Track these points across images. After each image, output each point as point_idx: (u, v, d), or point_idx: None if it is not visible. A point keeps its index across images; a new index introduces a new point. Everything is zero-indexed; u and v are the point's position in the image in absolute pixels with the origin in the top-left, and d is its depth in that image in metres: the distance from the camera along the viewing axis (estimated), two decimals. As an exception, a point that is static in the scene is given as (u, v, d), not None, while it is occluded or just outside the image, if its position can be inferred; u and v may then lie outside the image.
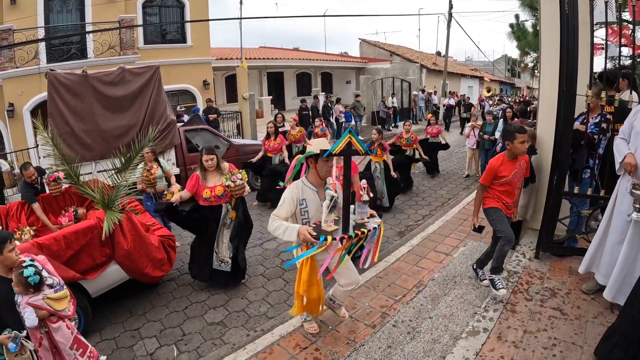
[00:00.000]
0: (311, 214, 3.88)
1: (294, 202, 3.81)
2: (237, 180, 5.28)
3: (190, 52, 17.87)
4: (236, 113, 18.09)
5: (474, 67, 46.30)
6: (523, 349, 3.69)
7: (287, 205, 3.78)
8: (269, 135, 9.30)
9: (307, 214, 3.87)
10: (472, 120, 12.13)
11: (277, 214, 3.76)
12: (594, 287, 4.44)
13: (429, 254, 5.96)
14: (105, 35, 14.38)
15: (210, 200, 5.39)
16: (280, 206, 3.79)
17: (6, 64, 13.44)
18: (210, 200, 5.39)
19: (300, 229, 3.48)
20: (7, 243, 3.33)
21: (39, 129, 5.69)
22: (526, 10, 16.42)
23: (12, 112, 13.55)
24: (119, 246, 4.86)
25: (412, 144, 10.17)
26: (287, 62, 26.60)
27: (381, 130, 9.08)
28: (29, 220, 5.97)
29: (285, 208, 3.78)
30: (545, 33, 5.72)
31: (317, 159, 3.79)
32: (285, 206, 3.78)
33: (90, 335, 4.62)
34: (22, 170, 6.15)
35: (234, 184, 5.27)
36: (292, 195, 3.80)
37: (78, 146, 7.70)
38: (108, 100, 8.19)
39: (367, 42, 34.16)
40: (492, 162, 4.57)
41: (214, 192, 5.37)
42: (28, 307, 3.19)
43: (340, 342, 4.07)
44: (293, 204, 3.80)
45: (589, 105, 4.95)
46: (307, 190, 3.87)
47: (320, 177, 3.88)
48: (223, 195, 5.41)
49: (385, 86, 24.73)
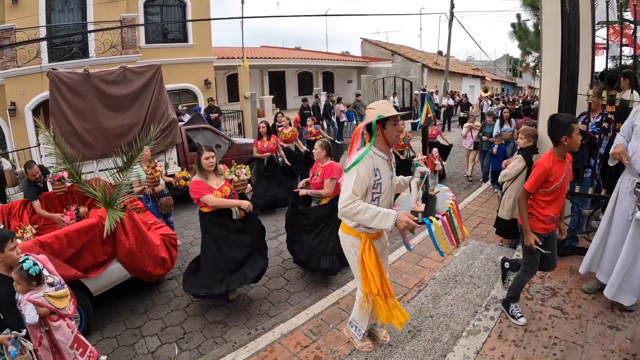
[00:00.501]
0: (384, 187, 3.35)
1: (370, 174, 3.22)
2: (241, 174, 5.00)
3: (191, 51, 17.87)
4: (238, 112, 18.12)
5: (476, 67, 46.30)
6: (524, 347, 3.69)
7: (363, 179, 3.17)
8: (260, 136, 8.83)
9: (380, 187, 3.32)
10: (469, 120, 11.71)
11: (355, 191, 3.14)
12: (595, 286, 4.44)
13: (430, 253, 5.96)
14: (106, 35, 14.40)
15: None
16: (356, 181, 3.15)
17: (8, 63, 13.46)
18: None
19: (399, 214, 2.99)
20: (8, 242, 3.35)
21: (41, 128, 5.70)
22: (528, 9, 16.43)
23: (14, 111, 13.57)
24: (121, 244, 4.88)
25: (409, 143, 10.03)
26: (288, 61, 26.57)
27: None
28: (32, 219, 5.99)
29: (362, 182, 3.17)
30: (546, 33, 5.71)
31: (384, 124, 3.30)
32: (361, 180, 3.17)
33: (92, 333, 4.64)
34: (27, 168, 6.18)
35: (238, 178, 4.97)
36: (367, 165, 3.20)
37: (80, 145, 7.71)
38: (110, 99, 8.20)
39: (369, 41, 34.19)
40: (543, 163, 3.74)
41: (223, 193, 4.90)
42: (29, 304, 3.19)
43: (341, 341, 4.07)
44: (369, 175, 3.21)
45: (590, 105, 4.95)
46: (379, 159, 3.32)
47: (389, 143, 3.40)
48: (231, 195, 4.99)
49: (386, 86, 24.72)
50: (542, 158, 3.80)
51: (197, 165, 4.96)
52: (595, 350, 3.56)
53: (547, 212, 3.80)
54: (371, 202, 3.29)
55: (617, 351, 3.52)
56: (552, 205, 3.80)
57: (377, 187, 3.29)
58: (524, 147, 5.64)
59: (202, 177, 4.89)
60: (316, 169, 5.75)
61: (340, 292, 5.09)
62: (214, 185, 4.90)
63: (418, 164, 3.51)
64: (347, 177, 3.23)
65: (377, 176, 3.26)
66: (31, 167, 6.15)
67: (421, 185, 3.40)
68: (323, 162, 5.69)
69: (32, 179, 6.13)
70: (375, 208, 3.06)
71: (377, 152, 3.33)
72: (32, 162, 6.39)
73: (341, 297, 4.95)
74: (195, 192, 4.77)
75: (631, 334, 3.74)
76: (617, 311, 4.09)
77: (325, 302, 4.86)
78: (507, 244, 6.12)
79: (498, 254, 5.65)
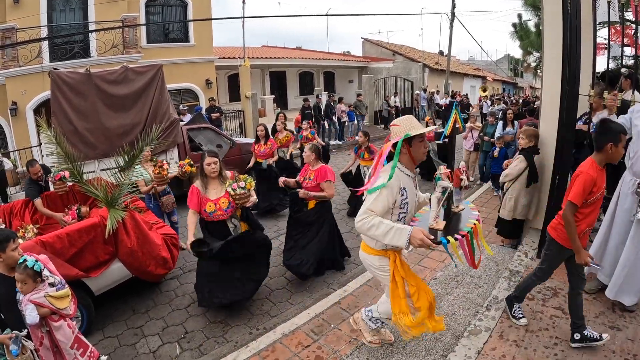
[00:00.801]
0: (410, 206, 3.25)
1: (394, 192, 3.07)
2: (237, 188, 4.78)
3: (193, 51, 17.88)
4: (239, 112, 18.12)
5: (477, 67, 46.28)
6: (525, 347, 3.70)
7: (386, 197, 3.02)
8: (258, 140, 8.79)
9: (407, 207, 3.20)
10: (470, 120, 11.16)
11: (372, 208, 3.00)
12: (596, 286, 4.44)
13: (431, 253, 5.96)
14: (108, 34, 14.41)
15: (217, 214, 4.79)
16: (377, 198, 3.02)
17: (9, 62, 13.48)
18: (217, 214, 4.79)
19: (413, 231, 2.80)
20: (10, 242, 3.35)
21: (43, 128, 5.71)
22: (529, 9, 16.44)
23: (15, 111, 13.58)
24: (122, 244, 4.89)
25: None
26: (289, 61, 26.57)
27: (367, 132, 8.46)
28: (33, 218, 5.99)
29: (384, 201, 3.02)
30: (548, 33, 5.72)
31: (410, 142, 3.16)
32: (384, 198, 3.02)
33: (93, 333, 4.65)
34: (29, 166, 6.19)
35: (234, 192, 4.78)
36: (394, 183, 3.05)
37: (81, 145, 7.72)
38: (111, 99, 8.20)
39: (370, 41, 34.17)
40: (589, 172, 3.42)
41: (218, 205, 4.75)
42: (30, 304, 3.20)
43: (342, 341, 4.08)
44: (393, 195, 3.06)
45: (592, 105, 4.95)
46: (405, 177, 3.20)
47: (415, 161, 3.25)
48: (229, 208, 4.83)
49: (387, 86, 24.70)
50: (585, 166, 3.48)
51: (200, 170, 4.88)
52: (596, 350, 3.56)
53: (583, 226, 3.53)
54: (397, 222, 3.10)
55: (618, 351, 3.52)
56: (589, 217, 3.54)
57: (404, 206, 3.18)
58: (525, 147, 5.65)
59: (202, 183, 4.83)
60: (307, 172, 5.77)
61: (342, 292, 5.09)
62: (212, 194, 4.81)
63: (440, 178, 3.40)
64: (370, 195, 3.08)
65: (403, 195, 3.14)
66: (33, 166, 6.17)
67: (442, 201, 3.25)
68: (314, 166, 5.74)
69: (34, 178, 6.14)
70: (389, 223, 2.88)
71: (403, 170, 3.20)
72: (34, 160, 6.41)
73: (342, 297, 4.96)
74: (188, 198, 4.80)
75: (632, 335, 3.74)
76: (618, 311, 4.09)
77: (326, 302, 4.87)
78: (508, 244, 6.12)
79: (499, 254, 5.65)
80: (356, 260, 6.18)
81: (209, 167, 4.78)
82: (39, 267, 3.27)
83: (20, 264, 3.23)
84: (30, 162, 6.26)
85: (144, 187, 6.24)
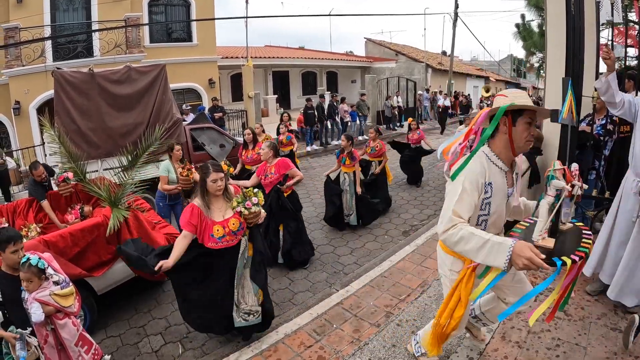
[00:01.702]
0: (493, 208, 2.57)
1: (478, 189, 2.46)
2: (252, 206, 3.99)
3: (196, 50, 17.90)
4: (241, 112, 18.18)
5: (480, 67, 46.21)
6: (527, 349, 3.69)
7: (470, 194, 2.42)
8: (246, 145, 8.11)
9: (489, 208, 2.55)
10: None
11: (458, 212, 2.38)
12: (598, 288, 4.43)
13: (433, 253, 5.95)
14: (111, 34, 14.45)
15: (226, 240, 3.96)
16: (460, 197, 2.40)
17: (12, 62, 13.52)
18: (226, 240, 3.96)
19: (517, 246, 2.13)
20: (10, 244, 3.35)
21: (46, 127, 5.72)
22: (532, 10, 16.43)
23: (19, 110, 13.63)
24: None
25: (378, 154, 8.75)
26: (292, 61, 26.58)
27: (351, 137, 7.74)
28: (37, 218, 6.00)
29: (469, 200, 2.41)
30: (551, 33, 5.71)
31: (515, 119, 2.47)
32: (468, 196, 2.41)
33: (96, 332, 4.66)
34: (32, 169, 6.14)
35: (249, 211, 3.98)
36: (477, 178, 2.45)
37: (84, 144, 7.72)
38: (114, 99, 8.21)
39: (373, 41, 34.15)
40: None
41: (228, 228, 3.93)
42: (35, 302, 3.22)
43: (345, 341, 4.08)
44: (477, 191, 2.45)
45: (595, 107, 4.94)
46: (495, 169, 2.54)
47: (514, 149, 2.53)
48: (239, 230, 4.02)
49: (390, 86, 24.69)
50: None
51: (201, 187, 4.01)
52: (598, 352, 3.55)
53: None
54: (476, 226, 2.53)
55: (620, 353, 3.52)
56: None
57: (485, 207, 2.55)
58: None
59: (203, 203, 3.97)
60: (265, 169, 5.98)
61: (344, 292, 5.10)
62: (217, 216, 3.97)
63: (554, 177, 2.65)
64: (451, 189, 2.51)
65: (486, 193, 2.50)
66: (37, 168, 6.12)
67: (555, 208, 2.54)
68: (271, 162, 5.94)
69: (38, 180, 6.13)
70: (482, 235, 2.25)
71: (493, 158, 2.56)
72: (37, 162, 6.34)
73: (345, 297, 4.96)
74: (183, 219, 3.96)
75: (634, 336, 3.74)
76: (620, 313, 4.09)
77: (329, 302, 4.87)
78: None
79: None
80: (358, 261, 6.19)
81: (214, 184, 3.92)
82: (43, 264, 3.29)
83: (23, 263, 3.24)
84: (33, 165, 6.21)
85: (167, 186, 6.25)
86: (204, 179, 3.94)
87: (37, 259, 3.27)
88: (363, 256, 6.44)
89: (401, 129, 21.60)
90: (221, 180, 3.94)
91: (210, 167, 3.95)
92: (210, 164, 4.01)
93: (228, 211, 4.01)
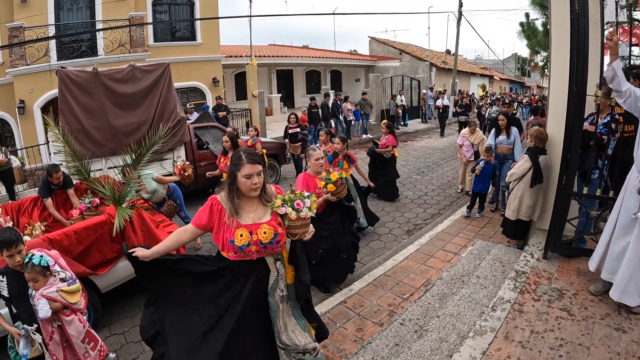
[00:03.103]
0: None
1: None
2: (303, 207, 2.95)
3: (200, 49, 17.93)
4: (245, 110, 18.18)
5: (484, 66, 46.16)
6: (530, 349, 3.69)
7: None
8: (225, 152, 7.29)
9: None
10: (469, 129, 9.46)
11: None
12: (602, 288, 4.42)
13: (437, 253, 5.96)
14: (115, 33, 14.48)
15: (250, 250, 2.82)
16: None
17: (17, 61, 13.57)
18: (250, 250, 2.82)
19: None
20: (2, 250, 3.33)
21: (50, 126, 5.74)
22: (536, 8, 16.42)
23: (23, 109, 13.68)
24: (129, 242, 4.92)
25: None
26: (296, 59, 26.57)
27: (345, 138, 7.04)
28: (42, 216, 6.02)
29: None
30: (555, 32, 5.70)
31: None
32: None
33: (100, 330, 4.68)
34: (52, 171, 6.00)
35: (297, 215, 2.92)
36: None
37: (89, 143, 7.76)
38: (118, 98, 8.24)
39: (377, 40, 34.14)
40: None
41: (256, 236, 2.80)
42: (42, 298, 3.24)
43: (348, 340, 4.09)
44: None
45: (599, 106, 4.93)
46: None
47: None
48: (272, 243, 2.85)
49: (394, 84, 24.67)
50: None
51: (230, 183, 2.92)
52: (601, 352, 3.55)
53: None
54: None
55: (624, 354, 3.51)
56: None
57: None
58: (531, 147, 5.63)
59: (230, 203, 2.88)
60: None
61: (347, 291, 5.10)
62: (247, 218, 2.89)
63: None
64: None
65: None
66: (57, 172, 6.03)
67: None
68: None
69: (56, 182, 6.08)
70: None
71: None
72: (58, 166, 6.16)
73: (348, 296, 4.97)
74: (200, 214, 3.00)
75: (637, 337, 3.72)
76: (623, 313, 4.07)
77: (332, 301, 4.88)
78: (514, 244, 6.10)
79: (505, 255, 5.64)
80: (362, 260, 6.19)
81: (248, 181, 2.83)
82: (45, 261, 3.30)
83: (26, 263, 3.26)
84: (54, 167, 6.07)
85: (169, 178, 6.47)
86: (234, 172, 2.87)
87: (39, 257, 3.28)
88: (366, 255, 6.44)
89: (405, 128, 21.59)
90: (258, 176, 2.85)
91: (243, 157, 2.85)
92: (243, 151, 2.92)
93: (265, 216, 2.95)
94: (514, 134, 7.52)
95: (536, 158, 5.51)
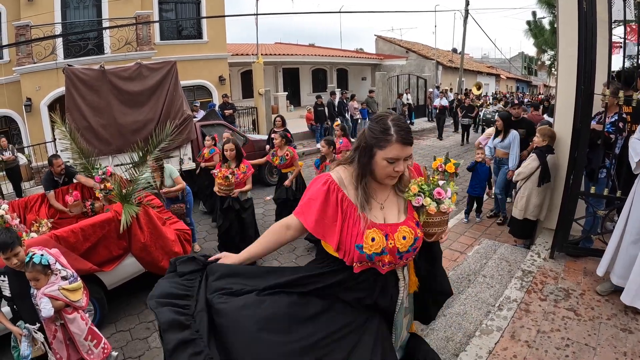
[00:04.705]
0: None
1: None
2: (445, 198, 2.17)
3: (206, 47, 17.96)
4: (252, 109, 18.21)
5: (491, 65, 45.99)
6: (536, 348, 3.67)
7: None
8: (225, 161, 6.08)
9: None
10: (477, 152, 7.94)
11: None
12: (609, 288, 4.40)
13: (443, 251, 5.94)
14: (121, 31, 14.55)
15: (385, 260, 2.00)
16: None
17: (24, 59, 13.65)
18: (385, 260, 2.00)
19: None
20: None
21: (57, 124, 5.77)
22: (544, 7, 16.38)
23: (30, 107, 13.77)
24: (136, 239, 4.93)
25: (288, 164, 7.07)
26: (302, 58, 26.51)
27: (332, 141, 6.46)
28: (49, 213, 6.05)
29: None
30: (563, 31, 5.66)
31: None
32: None
33: (106, 327, 4.70)
34: (52, 159, 6.18)
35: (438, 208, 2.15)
36: None
37: (95, 140, 7.80)
38: (125, 95, 8.27)
39: (383, 38, 34.10)
40: None
41: (393, 242, 1.99)
42: (44, 297, 3.24)
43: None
44: None
45: (606, 105, 4.90)
46: None
47: None
48: (409, 251, 2.05)
49: (401, 83, 24.62)
50: None
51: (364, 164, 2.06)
52: (607, 352, 3.53)
53: None
54: None
55: (630, 354, 3.49)
56: None
57: None
58: (539, 146, 5.60)
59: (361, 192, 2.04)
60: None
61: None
62: (379, 215, 2.09)
63: None
64: None
65: None
66: (56, 158, 6.19)
67: None
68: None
69: (57, 170, 6.16)
70: None
71: None
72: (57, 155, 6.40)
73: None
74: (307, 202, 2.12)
75: (645, 337, 3.71)
76: (630, 314, 4.05)
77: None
78: (521, 244, 6.08)
79: (512, 254, 5.62)
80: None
81: (391, 166, 2.01)
82: (46, 260, 3.30)
83: (27, 262, 3.26)
84: (54, 155, 6.25)
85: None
86: (373, 150, 2.02)
87: (39, 256, 3.28)
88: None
89: (411, 127, 21.47)
90: (404, 162, 2.03)
91: (392, 131, 1.97)
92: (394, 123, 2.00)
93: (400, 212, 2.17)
94: (510, 138, 6.90)
95: (544, 157, 5.48)
